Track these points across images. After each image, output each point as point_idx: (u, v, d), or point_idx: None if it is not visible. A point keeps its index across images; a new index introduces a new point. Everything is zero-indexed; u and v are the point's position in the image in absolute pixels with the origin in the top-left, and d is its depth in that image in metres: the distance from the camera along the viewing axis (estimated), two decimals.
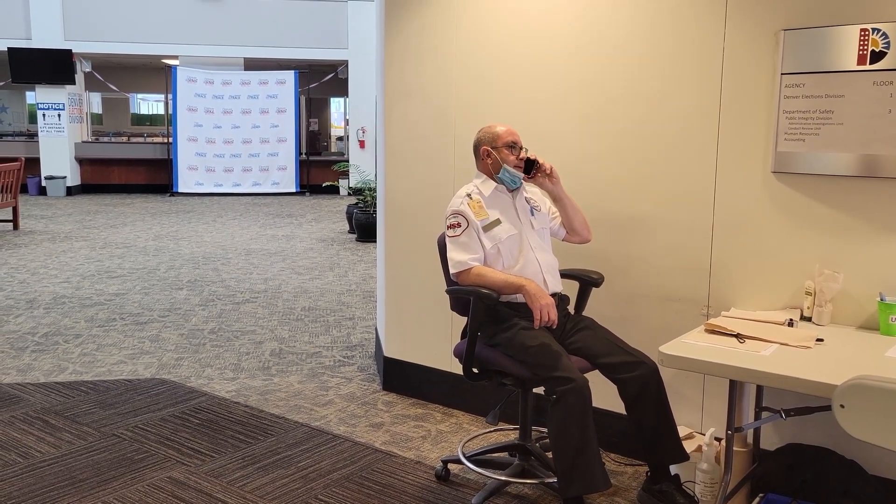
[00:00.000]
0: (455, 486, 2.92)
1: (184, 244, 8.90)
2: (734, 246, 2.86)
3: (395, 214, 3.88)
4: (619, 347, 2.69)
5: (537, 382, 2.66)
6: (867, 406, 1.08)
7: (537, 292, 2.66)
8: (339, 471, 3.04)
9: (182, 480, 2.95)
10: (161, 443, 3.30)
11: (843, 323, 2.62)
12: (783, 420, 2.49)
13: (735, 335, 2.43)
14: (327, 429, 3.48)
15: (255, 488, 2.89)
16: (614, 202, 3.13)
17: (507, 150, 2.82)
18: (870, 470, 2.57)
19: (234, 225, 10.58)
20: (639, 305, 3.11)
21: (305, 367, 4.39)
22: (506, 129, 2.85)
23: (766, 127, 2.74)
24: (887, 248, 2.56)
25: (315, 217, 11.61)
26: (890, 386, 1.05)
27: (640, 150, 3.05)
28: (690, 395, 3.00)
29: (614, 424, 3.03)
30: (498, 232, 2.77)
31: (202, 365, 4.42)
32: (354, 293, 6.42)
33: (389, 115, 3.83)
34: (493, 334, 2.75)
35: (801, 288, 2.69)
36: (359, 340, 4.97)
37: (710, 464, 2.73)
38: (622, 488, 2.91)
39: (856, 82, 2.52)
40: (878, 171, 2.52)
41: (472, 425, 3.54)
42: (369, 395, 3.95)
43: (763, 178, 2.77)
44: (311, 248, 8.81)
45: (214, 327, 5.26)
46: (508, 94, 3.37)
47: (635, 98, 3.04)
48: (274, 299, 6.14)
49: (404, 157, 3.79)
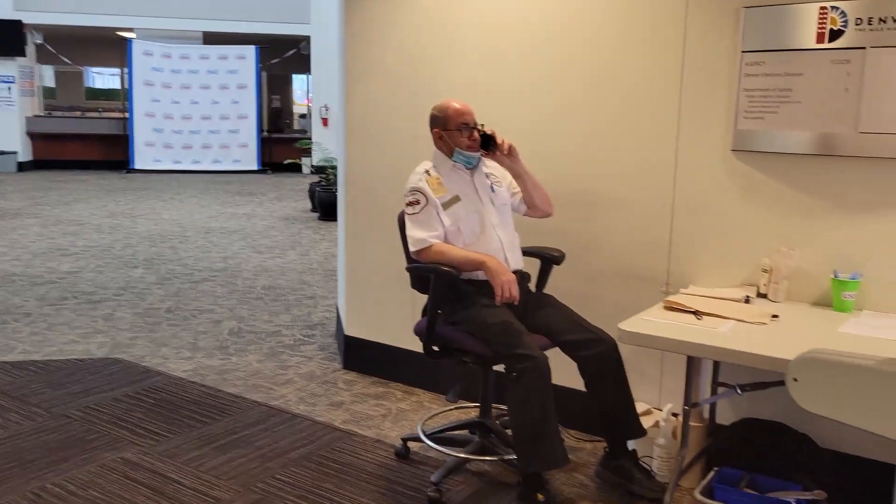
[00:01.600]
0: (415, 464, 2.91)
1: (140, 222, 8.71)
2: (693, 224, 2.87)
3: (356, 192, 3.82)
4: (579, 325, 2.69)
5: (498, 360, 2.65)
6: (819, 379, 1.07)
7: (498, 268, 2.64)
8: (297, 450, 3.01)
9: (135, 461, 2.89)
10: (113, 423, 3.23)
11: (799, 300, 2.66)
12: (739, 395, 2.52)
13: (693, 312, 2.44)
14: (286, 408, 3.44)
15: (211, 468, 2.84)
16: (576, 180, 3.12)
17: (459, 132, 2.76)
18: (821, 444, 2.62)
19: (193, 203, 10.39)
20: (599, 283, 3.12)
21: (265, 347, 4.34)
22: (458, 108, 2.77)
23: (727, 105, 2.74)
24: (842, 226, 2.59)
25: (277, 195, 11.46)
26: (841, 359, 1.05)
27: (601, 129, 3.04)
28: (649, 372, 3.03)
29: (574, 401, 3.03)
30: (457, 209, 2.74)
31: (158, 344, 4.34)
32: (316, 272, 6.35)
33: (351, 92, 3.76)
34: (454, 312, 2.72)
35: (759, 265, 2.72)
36: (320, 319, 4.92)
37: (667, 439, 2.76)
38: (581, 464, 2.93)
39: (814, 61, 2.53)
40: (835, 149, 2.55)
41: (432, 403, 3.53)
42: (329, 373, 3.91)
43: (723, 156, 2.78)
44: (273, 226, 8.69)
45: (171, 306, 5.16)
46: (469, 73, 3.32)
47: (597, 78, 3.02)
48: (233, 278, 6.05)
49: (365, 135, 3.73)
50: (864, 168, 2.52)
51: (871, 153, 2.48)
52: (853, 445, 2.61)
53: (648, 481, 2.67)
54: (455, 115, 2.76)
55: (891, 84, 2.41)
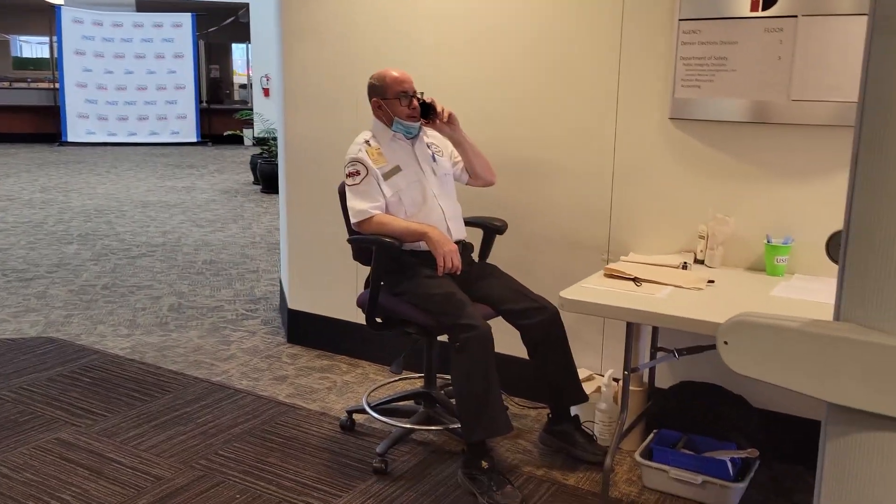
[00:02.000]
0: (360, 436, 2.90)
1: (74, 196, 8.42)
2: (633, 192, 2.91)
3: (297, 163, 3.75)
4: (521, 294, 2.70)
5: (441, 330, 2.65)
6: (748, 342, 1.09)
7: (440, 239, 2.63)
8: (240, 425, 2.97)
9: (71, 441, 2.82)
10: (48, 403, 3.14)
11: (734, 265, 2.72)
12: (676, 359, 2.58)
13: (632, 279, 2.48)
14: (228, 383, 3.39)
15: (151, 446, 2.79)
16: (517, 150, 3.12)
17: (398, 101, 2.72)
18: (754, 404, 2.70)
19: (130, 176, 10.09)
20: (542, 252, 3.14)
21: (206, 322, 4.26)
22: (396, 76, 2.73)
23: (665, 74, 2.76)
24: (774, 192, 2.65)
25: (217, 168, 11.20)
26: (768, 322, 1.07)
27: (542, 98, 3.03)
28: (590, 338, 3.07)
29: (517, 369, 3.07)
30: (398, 180, 2.71)
31: (94, 322, 4.22)
32: (259, 245, 6.25)
33: (288, 60, 3.68)
34: (397, 283, 2.71)
35: (695, 232, 2.77)
36: (263, 293, 4.85)
37: (608, 403, 2.81)
38: (525, 430, 2.97)
39: (749, 29, 2.56)
40: (768, 117, 2.60)
41: (377, 375, 3.52)
42: (273, 348, 3.87)
43: (661, 124, 2.81)
44: (214, 199, 8.50)
45: (108, 283, 5.02)
46: (415, 39, 3.27)
47: (536, 46, 3.01)
48: (173, 253, 5.91)
49: (305, 104, 3.65)
50: (796, 135, 2.58)
51: (803, 120, 2.54)
52: (783, 404, 2.71)
53: (590, 445, 2.72)
54: (393, 83, 2.72)
55: (822, 52, 2.46)
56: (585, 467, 2.67)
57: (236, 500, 2.44)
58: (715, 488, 2.41)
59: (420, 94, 2.75)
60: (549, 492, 2.52)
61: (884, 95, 1.02)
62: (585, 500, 2.47)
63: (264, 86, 13.78)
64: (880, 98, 1.02)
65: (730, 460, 2.43)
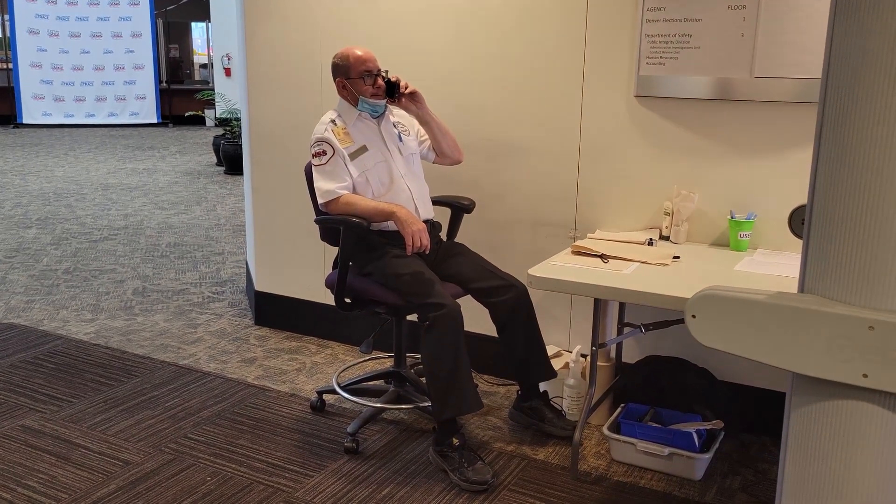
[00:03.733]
0: (330, 416, 2.90)
1: (31, 179, 8.22)
2: (599, 170, 2.93)
3: (261, 143, 3.70)
4: (490, 272, 2.72)
5: (410, 310, 2.66)
6: (716, 315, 1.12)
7: (408, 218, 2.62)
8: (209, 408, 2.95)
9: (36, 428, 2.77)
10: (11, 391, 3.08)
11: (698, 241, 2.76)
12: (643, 334, 2.62)
13: (599, 256, 2.50)
14: (196, 367, 3.36)
15: (119, 431, 2.76)
16: (485, 128, 3.12)
17: (362, 80, 2.69)
18: (719, 377, 2.76)
19: (89, 158, 9.87)
20: (510, 230, 3.15)
21: (172, 305, 4.20)
22: (360, 55, 2.70)
23: (630, 51, 2.78)
24: (737, 168, 2.69)
25: (179, 149, 11.02)
26: (735, 295, 1.09)
27: (509, 77, 3.03)
28: (559, 315, 3.10)
29: (486, 347, 3.09)
30: (365, 159, 2.69)
31: (56, 307, 4.14)
32: (224, 227, 6.18)
33: (251, 38, 3.61)
34: (365, 263, 2.70)
35: (661, 209, 2.80)
36: (229, 276, 4.80)
37: (577, 379, 2.85)
38: (494, 407, 3.00)
39: (712, 6, 2.58)
40: (732, 94, 2.63)
41: (347, 356, 3.52)
42: (241, 330, 3.84)
43: (626, 102, 2.83)
44: (176, 181, 8.37)
45: (69, 267, 4.92)
46: (379, 15, 3.24)
47: (502, 24, 2.99)
48: (136, 236, 5.81)
49: (268, 83, 3.60)
50: (759, 111, 2.62)
51: (765, 97, 2.57)
52: (747, 377, 2.77)
53: (560, 420, 2.76)
54: (357, 62, 2.69)
55: (783, 29, 2.49)
56: (555, 442, 2.71)
57: (207, 483, 2.43)
58: (682, 459, 2.46)
59: (385, 72, 2.72)
60: (519, 467, 2.55)
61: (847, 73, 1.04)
62: (555, 474, 2.51)
63: (226, 65, 13.55)
64: (843, 76, 1.04)
65: (695, 432, 2.48)
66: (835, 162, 1.06)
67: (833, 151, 1.06)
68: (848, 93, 1.03)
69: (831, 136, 1.06)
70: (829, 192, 1.07)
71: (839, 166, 1.05)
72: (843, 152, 1.05)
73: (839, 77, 1.04)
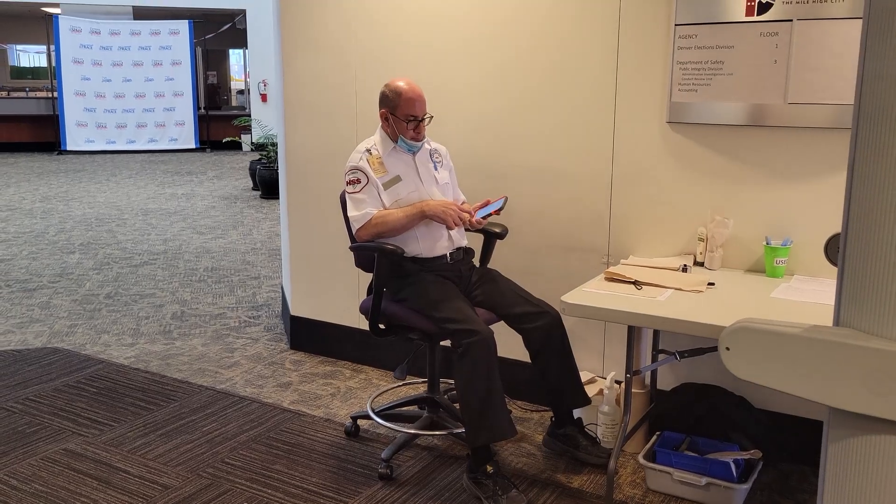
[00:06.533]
0: (365, 442, 2.92)
1: (75, 205, 8.44)
2: (632, 195, 2.93)
3: (297, 170, 3.77)
4: (523, 298, 2.72)
5: (444, 336, 2.67)
6: (750, 348, 1.11)
7: (437, 205, 2.68)
8: (246, 433, 2.99)
9: (79, 452, 2.83)
10: (55, 414, 3.16)
11: (733, 267, 2.74)
12: (678, 361, 2.60)
13: (633, 282, 2.50)
14: (233, 391, 3.41)
15: (158, 455, 2.81)
16: (518, 155, 3.14)
17: (406, 123, 2.72)
18: (756, 405, 2.72)
19: (130, 184, 10.11)
20: (542, 256, 3.16)
21: (209, 330, 4.28)
22: (410, 97, 2.70)
23: (662, 78, 2.79)
24: (772, 193, 2.67)
25: (217, 174, 11.22)
26: (770, 328, 1.09)
27: (540, 103, 3.05)
28: (592, 342, 3.09)
29: (519, 373, 3.09)
30: (398, 189, 2.73)
31: (98, 331, 4.24)
32: (259, 252, 6.27)
33: (288, 67, 3.70)
34: (399, 289, 2.73)
35: (695, 234, 2.79)
36: (265, 300, 4.87)
37: (611, 406, 2.83)
38: (528, 434, 2.99)
39: (744, 33, 2.58)
40: (765, 119, 2.62)
41: (381, 381, 3.54)
42: (276, 354, 3.88)
43: (659, 128, 2.83)
44: (213, 206, 8.52)
45: (110, 291, 5.04)
46: (413, 47, 3.30)
47: (535, 49, 3.03)
48: (174, 260, 5.93)
49: (305, 111, 3.67)
50: (793, 137, 2.60)
51: (799, 123, 2.56)
52: (785, 405, 2.72)
53: (594, 448, 2.74)
54: (406, 104, 2.71)
55: (817, 55, 2.48)
56: (589, 470, 2.69)
57: None
58: (719, 490, 2.43)
59: (429, 117, 2.76)
60: (553, 495, 2.54)
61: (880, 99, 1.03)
62: (590, 503, 2.49)
63: (262, 91, 13.82)
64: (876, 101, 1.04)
65: (733, 461, 2.44)
66: (869, 190, 1.05)
67: (867, 179, 1.05)
68: (881, 117, 1.03)
69: (864, 162, 1.05)
70: (864, 220, 1.06)
71: (874, 195, 1.04)
72: (877, 180, 1.04)
73: (871, 101, 1.04)
